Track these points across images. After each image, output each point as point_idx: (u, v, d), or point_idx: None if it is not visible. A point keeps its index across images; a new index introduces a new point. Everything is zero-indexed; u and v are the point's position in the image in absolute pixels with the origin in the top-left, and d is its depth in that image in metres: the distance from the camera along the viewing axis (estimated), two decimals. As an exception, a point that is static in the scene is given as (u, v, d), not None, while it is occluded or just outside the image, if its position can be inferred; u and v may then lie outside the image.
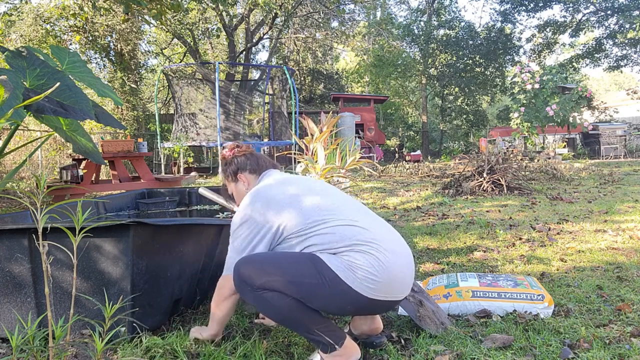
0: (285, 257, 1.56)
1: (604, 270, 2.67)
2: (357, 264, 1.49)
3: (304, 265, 1.51)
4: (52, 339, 1.40)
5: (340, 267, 1.49)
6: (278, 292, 1.50)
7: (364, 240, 1.53)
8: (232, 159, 1.94)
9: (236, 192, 1.94)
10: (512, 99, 14.08)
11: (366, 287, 1.48)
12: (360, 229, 1.57)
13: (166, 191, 4.32)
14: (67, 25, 12.74)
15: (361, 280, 1.48)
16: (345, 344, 1.56)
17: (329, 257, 1.52)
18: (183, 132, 12.41)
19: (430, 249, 3.40)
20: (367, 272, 1.48)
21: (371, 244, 1.53)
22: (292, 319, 1.53)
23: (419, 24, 23.91)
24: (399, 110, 27.13)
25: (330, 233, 1.55)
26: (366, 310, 1.61)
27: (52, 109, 2.14)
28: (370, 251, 1.51)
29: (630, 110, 22.82)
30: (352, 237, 1.53)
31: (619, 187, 6.73)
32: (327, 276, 1.48)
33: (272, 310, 1.53)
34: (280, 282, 1.50)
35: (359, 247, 1.52)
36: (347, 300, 1.50)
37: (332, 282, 1.48)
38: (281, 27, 15.93)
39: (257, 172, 1.90)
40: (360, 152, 4.70)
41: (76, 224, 1.46)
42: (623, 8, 19.57)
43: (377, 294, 1.50)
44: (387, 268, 1.51)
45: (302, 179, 1.81)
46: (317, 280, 1.48)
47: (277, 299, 1.50)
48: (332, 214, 1.59)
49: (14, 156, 8.87)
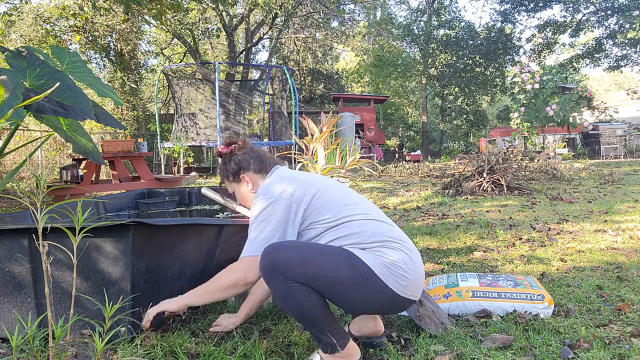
0: (320, 249, 1.51)
1: (604, 270, 2.67)
2: (391, 260, 1.48)
3: (339, 259, 1.47)
4: (52, 339, 1.40)
5: (374, 262, 1.47)
6: (307, 286, 1.44)
7: (394, 237, 1.53)
8: (231, 156, 1.79)
9: (239, 194, 1.82)
10: (512, 99, 14.08)
11: (399, 284, 1.48)
12: (389, 226, 1.57)
13: (166, 191, 4.32)
14: (67, 25, 12.74)
15: (395, 277, 1.47)
16: (347, 346, 1.56)
17: (361, 252, 1.49)
18: (183, 132, 12.41)
19: (430, 249, 3.40)
20: (401, 268, 1.48)
21: (400, 241, 1.54)
22: (310, 316, 1.48)
23: (419, 24, 23.92)
24: (399, 110, 27.14)
25: (360, 227, 1.53)
26: (388, 309, 1.60)
27: (52, 109, 2.14)
28: (402, 249, 1.52)
29: (630, 110, 22.81)
30: (383, 234, 1.53)
31: (619, 187, 6.73)
32: (362, 271, 1.45)
33: (294, 304, 1.46)
34: (312, 274, 1.44)
35: (390, 243, 1.51)
36: (378, 297, 1.48)
37: (366, 278, 1.45)
38: (281, 27, 15.93)
39: (263, 171, 1.76)
40: (360, 152, 4.70)
41: (76, 224, 1.46)
42: (623, 8, 19.57)
43: (406, 291, 1.50)
44: (416, 266, 1.53)
45: (316, 175, 1.76)
46: (351, 275, 1.45)
47: (304, 293, 1.45)
48: (359, 208, 1.58)
49: (14, 156, 8.87)
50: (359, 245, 1.51)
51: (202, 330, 1.97)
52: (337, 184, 1.69)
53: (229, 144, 1.82)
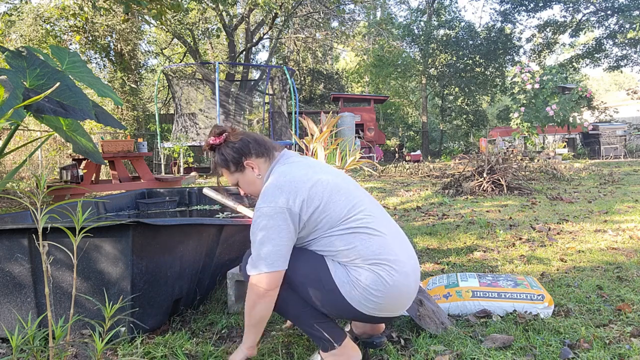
0: (300, 256, 1.53)
1: (604, 270, 2.67)
2: (360, 280, 1.45)
3: (310, 269, 1.50)
4: (52, 339, 1.40)
5: (343, 280, 1.47)
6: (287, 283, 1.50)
7: (381, 259, 1.46)
8: (226, 145, 1.64)
9: (245, 183, 1.67)
10: (512, 99, 14.08)
11: (364, 305, 1.47)
12: (384, 241, 1.49)
13: (166, 191, 4.33)
14: (67, 25, 12.74)
15: (361, 299, 1.46)
16: (344, 344, 1.56)
17: (337, 266, 1.49)
18: (183, 132, 12.42)
19: (430, 249, 3.40)
20: (368, 291, 1.45)
21: (386, 263, 1.46)
22: (295, 313, 1.54)
23: (419, 24, 23.94)
24: (399, 110, 27.16)
25: (357, 242, 1.48)
26: (363, 321, 1.58)
27: (52, 109, 2.14)
28: (379, 272, 1.45)
29: (630, 110, 22.81)
30: (366, 250, 1.47)
31: (619, 187, 6.73)
32: (328, 287, 1.48)
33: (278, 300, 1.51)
34: (287, 276, 1.50)
35: (367, 262, 1.46)
36: (345, 311, 1.50)
37: (331, 293, 1.48)
38: (281, 27, 15.94)
39: (266, 155, 1.64)
40: (360, 152, 4.70)
41: (76, 224, 1.46)
42: (623, 8, 19.58)
43: (375, 311, 1.49)
44: (392, 290, 1.46)
45: (324, 164, 1.69)
46: (317, 287, 1.49)
47: (286, 292, 1.51)
48: (363, 213, 1.52)
49: (14, 156, 8.88)
50: (341, 260, 1.48)
51: (202, 330, 1.97)
52: (345, 183, 1.59)
53: (219, 133, 1.66)
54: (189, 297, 2.13)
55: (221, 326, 1.98)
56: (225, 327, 1.98)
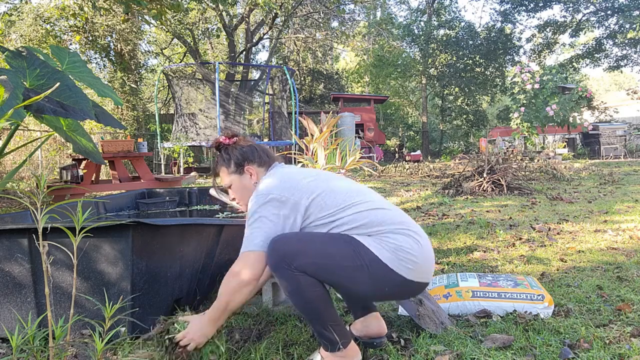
0: (325, 237, 1.51)
1: (604, 270, 2.67)
2: (397, 245, 1.48)
3: (343, 247, 1.48)
4: (52, 339, 1.40)
5: (379, 248, 1.47)
6: (312, 277, 1.46)
7: (399, 222, 1.54)
8: (235, 147, 1.73)
9: (239, 186, 1.72)
10: (512, 99, 14.09)
11: (407, 268, 1.48)
12: (394, 213, 1.57)
13: (166, 191, 4.33)
14: (67, 25, 12.74)
15: (402, 261, 1.48)
16: (349, 346, 1.56)
17: (366, 239, 1.50)
18: (183, 132, 12.42)
19: (430, 249, 3.40)
20: (408, 253, 1.48)
21: (407, 226, 1.54)
22: (314, 308, 1.49)
23: (419, 24, 23.95)
24: (399, 110, 27.17)
25: (366, 218, 1.52)
26: (399, 295, 1.60)
27: (52, 109, 2.14)
28: (408, 233, 1.52)
29: (630, 110, 22.82)
30: (388, 220, 1.53)
31: (619, 187, 6.73)
32: (367, 258, 1.46)
33: (299, 295, 1.47)
34: (316, 262, 1.45)
35: (396, 229, 1.52)
36: (385, 283, 1.49)
37: (372, 265, 1.46)
38: (281, 27, 15.94)
39: (265, 165, 1.72)
40: (360, 152, 4.69)
41: (76, 224, 1.46)
42: (623, 8, 19.58)
43: (415, 275, 1.51)
44: (424, 250, 1.53)
45: (318, 170, 1.75)
46: (356, 263, 1.46)
47: (309, 285, 1.46)
48: (363, 197, 1.58)
49: (14, 156, 8.88)
50: (365, 232, 1.51)
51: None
52: (339, 177, 1.69)
53: (231, 136, 1.76)
54: (189, 297, 2.13)
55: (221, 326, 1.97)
56: (225, 326, 1.98)
